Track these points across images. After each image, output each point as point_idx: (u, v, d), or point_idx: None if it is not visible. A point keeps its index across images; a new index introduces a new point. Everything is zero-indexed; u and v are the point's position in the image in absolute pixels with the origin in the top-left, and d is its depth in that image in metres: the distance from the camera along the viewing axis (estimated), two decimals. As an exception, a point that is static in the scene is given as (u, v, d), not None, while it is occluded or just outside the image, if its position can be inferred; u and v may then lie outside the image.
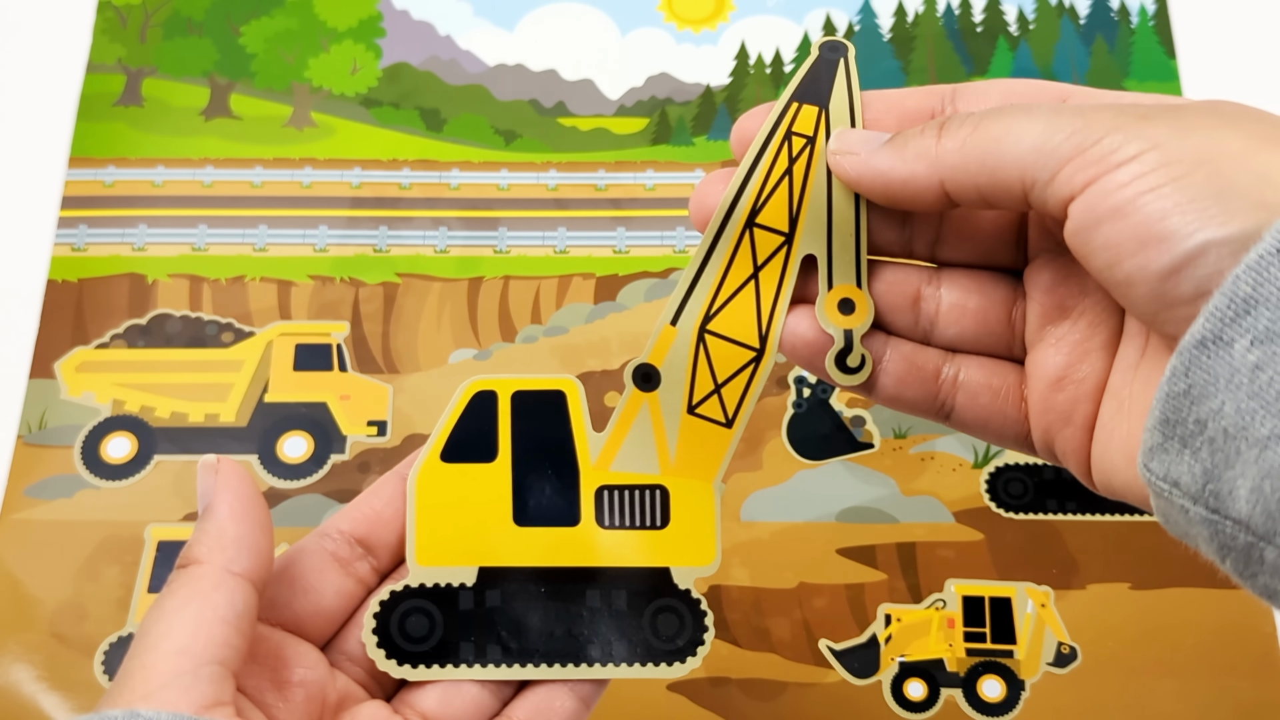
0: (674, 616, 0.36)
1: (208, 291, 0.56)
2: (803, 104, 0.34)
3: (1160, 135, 0.27)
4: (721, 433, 0.36)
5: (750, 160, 0.34)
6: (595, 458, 0.37)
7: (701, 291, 0.35)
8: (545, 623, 0.36)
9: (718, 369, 0.36)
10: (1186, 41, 0.62)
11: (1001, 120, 0.29)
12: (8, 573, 0.50)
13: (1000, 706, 0.49)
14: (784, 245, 0.34)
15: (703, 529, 0.36)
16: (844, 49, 0.35)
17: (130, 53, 0.61)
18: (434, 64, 0.61)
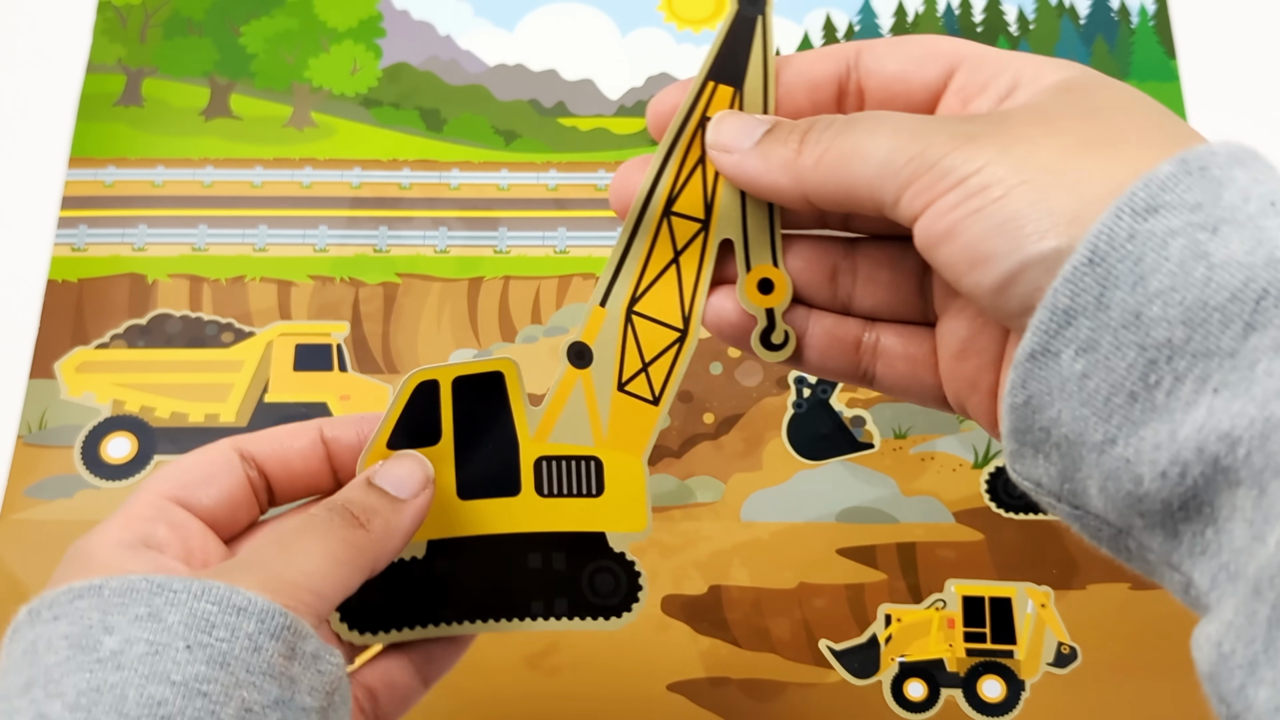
0: (610, 576, 0.39)
1: (208, 291, 0.56)
2: (718, 84, 0.35)
3: (986, 156, 0.28)
4: (649, 410, 0.38)
5: (665, 147, 0.35)
6: (534, 431, 0.38)
7: (627, 275, 0.37)
8: (491, 584, 0.38)
9: (645, 348, 0.38)
10: (1186, 41, 0.62)
11: (851, 138, 0.31)
12: (8, 573, 0.50)
13: (1000, 707, 0.49)
14: (700, 232, 0.36)
15: (634, 498, 0.39)
16: (764, 4, 0.34)
17: (130, 53, 0.61)
18: (434, 64, 0.61)
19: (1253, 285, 0.26)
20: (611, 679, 0.49)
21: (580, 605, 0.39)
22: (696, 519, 0.52)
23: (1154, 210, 0.27)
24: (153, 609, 0.30)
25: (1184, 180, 0.27)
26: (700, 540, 0.51)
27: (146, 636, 0.29)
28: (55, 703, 0.29)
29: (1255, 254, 0.26)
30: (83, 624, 0.30)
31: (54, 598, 0.31)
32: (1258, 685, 0.25)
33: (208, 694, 0.29)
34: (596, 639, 0.49)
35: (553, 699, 0.48)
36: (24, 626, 0.31)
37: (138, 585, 0.30)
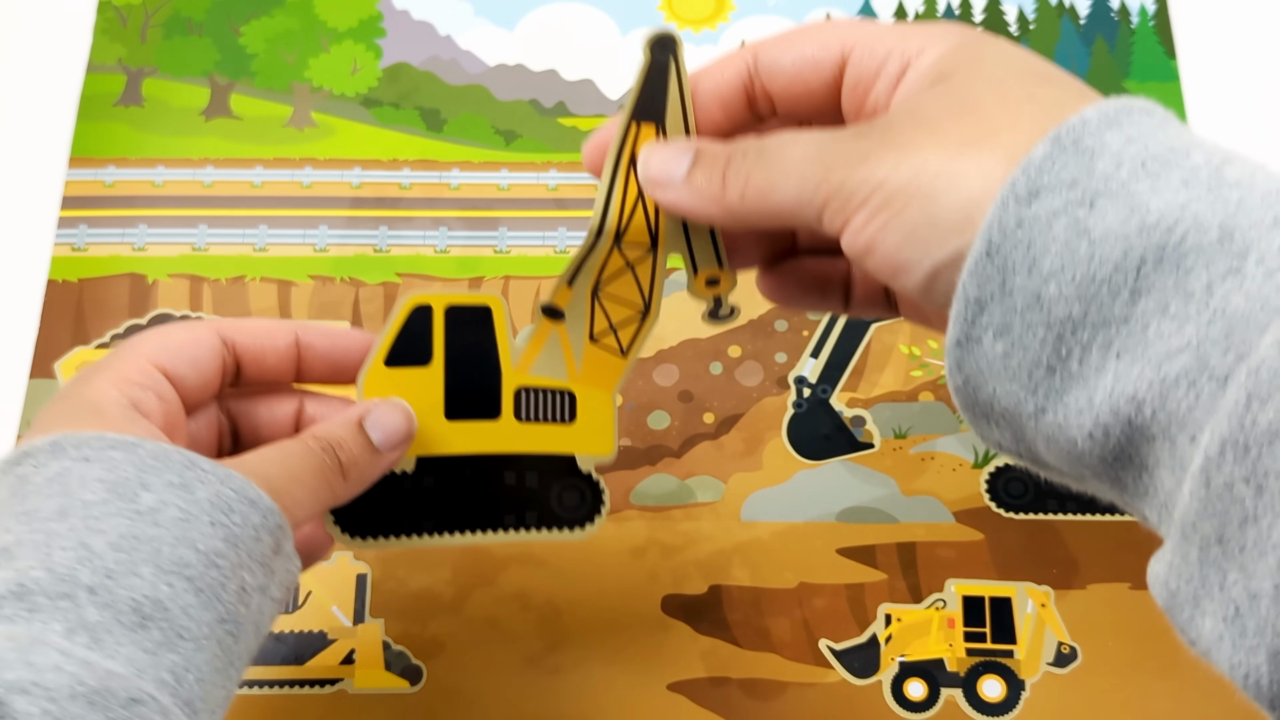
0: (576, 493, 0.43)
1: (208, 291, 0.56)
2: (641, 122, 0.38)
3: (882, 171, 0.31)
4: (618, 360, 0.42)
5: (605, 188, 0.38)
6: (515, 363, 0.42)
7: (587, 272, 0.40)
8: (470, 498, 0.42)
9: (612, 316, 0.41)
10: (1186, 41, 0.62)
11: (764, 171, 0.34)
12: (8, 573, 0.50)
13: (1000, 706, 0.49)
14: (650, 253, 0.39)
15: (603, 426, 0.43)
16: (673, 45, 0.37)
17: (130, 53, 0.61)
18: (434, 64, 0.61)
19: (1131, 255, 0.28)
20: (612, 678, 0.49)
21: (548, 518, 0.43)
22: (697, 519, 0.52)
23: (1035, 194, 0.29)
24: (184, 480, 0.34)
25: (1059, 158, 0.29)
26: (700, 540, 0.51)
27: (179, 503, 0.34)
28: (98, 538, 0.32)
29: (1129, 223, 0.28)
30: (119, 473, 0.33)
31: (83, 439, 0.34)
32: (1203, 617, 0.27)
33: (220, 567, 0.34)
34: (596, 639, 0.49)
35: (553, 698, 0.49)
36: (44, 455, 0.34)
37: (172, 455, 0.34)
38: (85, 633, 0.31)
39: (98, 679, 0.30)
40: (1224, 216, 0.28)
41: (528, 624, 0.50)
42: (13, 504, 0.34)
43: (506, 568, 0.50)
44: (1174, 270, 0.28)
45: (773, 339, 0.55)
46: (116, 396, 0.36)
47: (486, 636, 0.49)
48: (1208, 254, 0.28)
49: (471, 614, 0.50)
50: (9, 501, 0.34)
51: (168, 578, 0.33)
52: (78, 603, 0.32)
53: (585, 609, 0.50)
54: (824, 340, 0.55)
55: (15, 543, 0.33)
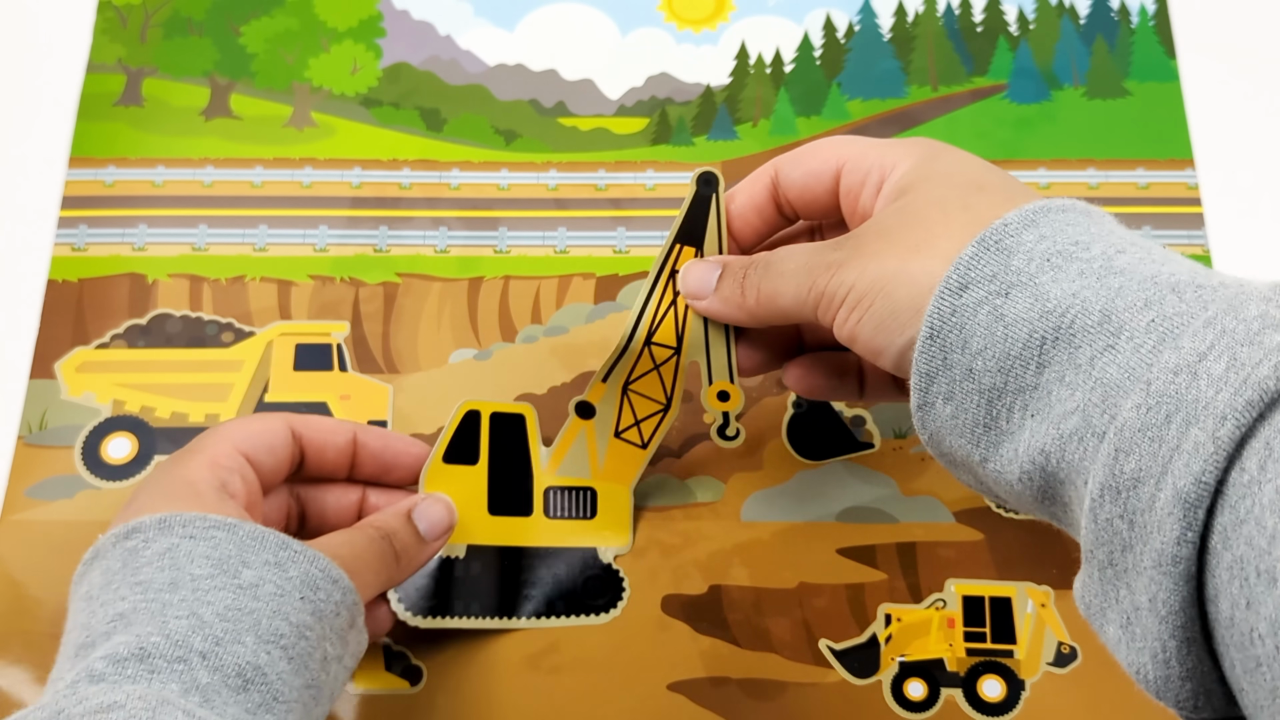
0: (599, 581, 0.50)
1: (208, 291, 0.56)
2: (683, 246, 0.45)
3: (852, 277, 0.39)
4: (638, 452, 0.50)
5: (644, 295, 0.46)
6: (545, 465, 0.50)
7: (622, 367, 0.47)
8: (509, 586, 0.49)
9: (638, 411, 0.49)
10: (1186, 41, 0.62)
11: (770, 282, 0.42)
12: (8, 573, 0.50)
13: (1000, 706, 0.49)
14: (674, 355, 0.47)
15: (621, 519, 0.50)
16: (716, 183, 0.45)
17: (130, 53, 0.61)
18: (434, 64, 0.61)
19: (1035, 335, 0.34)
20: (612, 679, 0.49)
21: (576, 605, 0.49)
22: (697, 519, 0.52)
23: (965, 287, 0.36)
24: (279, 559, 0.39)
25: (983, 256, 0.36)
26: (700, 540, 0.51)
27: (274, 580, 0.38)
28: (207, 609, 0.37)
29: (1034, 309, 0.35)
30: (222, 551, 0.38)
31: (189, 519, 0.39)
32: (1107, 624, 0.34)
33: (308, 638, 0.39)
34: (597, 638, 0.49)
35: (553, 699, 0.49)
36: (152, 531, 0.38)
37: (268, 536, 0.39)
38: (198, 693, 0.35)
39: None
40: (1105, 301, 0.34)
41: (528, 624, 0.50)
42: (126, 574, 0.38)
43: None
44: (1067, 346, 0.34)
45: (773, 339, 0.55)
46: (209, 478, 0.41)
47: (486, 636, 0.49)
48: (1091, 333, 0.34)
49: (471, 614, 0.50)
50: (122, 572, 0.38)
51: (266, 646, 0.37)
52: (191, 666, 0.36)
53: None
54: (824, 340, 0.55)
55: (131, 609, 0.37)
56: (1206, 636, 0.31)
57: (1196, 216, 0.58)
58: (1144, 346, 0.33)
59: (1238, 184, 0.59)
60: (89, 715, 0.33)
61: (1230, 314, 0.32)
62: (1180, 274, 0.34)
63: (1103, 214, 0.38)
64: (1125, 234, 0.36)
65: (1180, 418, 0.31)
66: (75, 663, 0.37)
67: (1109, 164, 0.59)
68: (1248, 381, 0.30)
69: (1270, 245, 0.58)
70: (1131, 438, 0.32)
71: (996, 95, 0.60)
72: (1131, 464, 0.31)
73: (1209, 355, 0.31)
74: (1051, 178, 0.58)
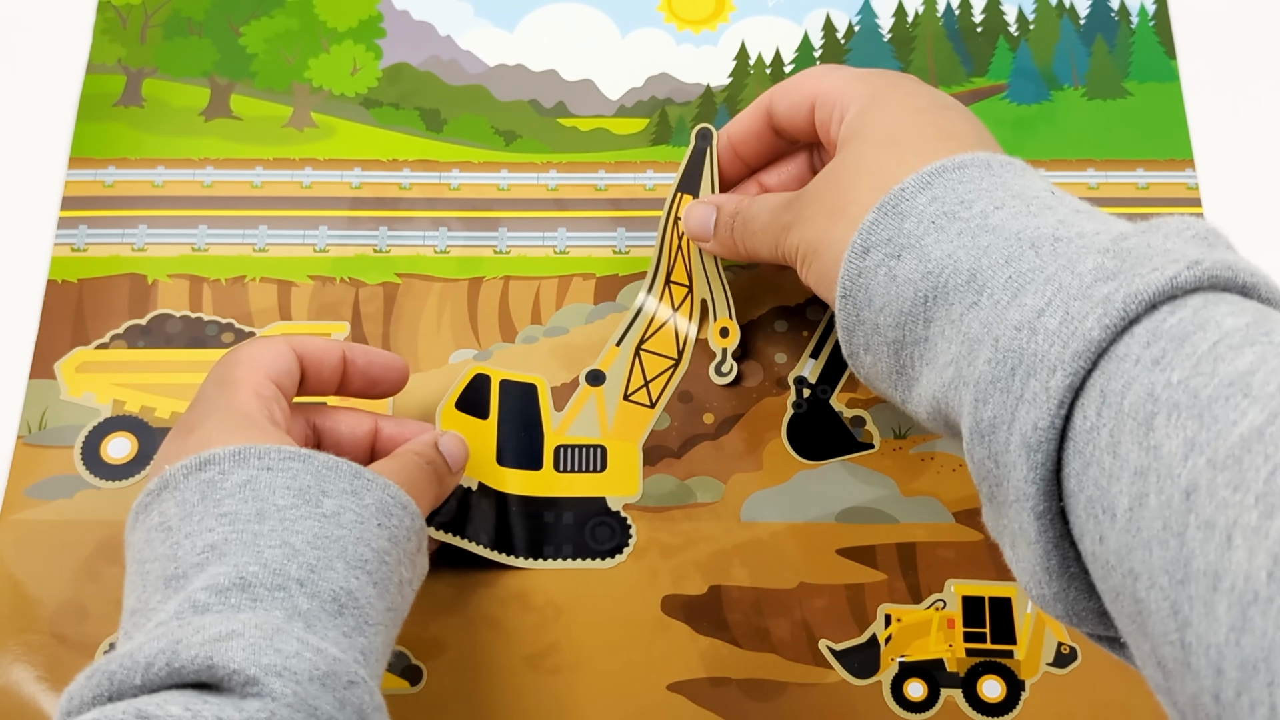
0: (607, 528, 0.51)
1: (208, 292, 0.56)
2: (683, 194, 0.52)
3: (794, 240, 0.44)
4: (647, 412, 0.53)
5: (659, 241, 0.53)
6: (555, 427, 0.52)
7: (639, 324, 0.54)
8: (517, 530, 0.51)
9: (648, 371, 0.53)
10: (1186, 41, 0.62)
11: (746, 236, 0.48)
12: (8, 573, 0.50)
13: (1000, 706, 0.49)
14: (688, 294, 0.54)
15: (630, 472, 0.52)
16: (710, 136, 0.51)
17: (130, 53, 0.61)
18: (434, 64, 0.61)
19: (919, 293, 0.38)
20: (611, 679, 0.49)
21: (581, 549, 0.51)
22: (697, 519, 0.52)
23: (867, 250, 0.40)
24: (354, 488, 0.40)
25: (882, 222, 0.40)
26: (700, 540, 0.51)
27: (353, 507, 0.40)
28: (297, 538, 0.38)
29: (918, 269, 0.38)
30: (301, 481, 0.39)
31: (264, 451, 0.40)
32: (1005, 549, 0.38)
33: (387, 563, 0.40)
34: (596, 639, 0.49)
35: (553, 699, 0.49)
36: (228, 463, 0.39)
37: (340, 465, 0.40)
38: (300, 619, 0.37)
39: (326, 663, 0.35)
40: (973, 260, 0.37)
41: (528, 624, 0.50)
42: (208, 505, 0.39)
43: (507, 568, 0.50)
44: (944, 304, 0.38)
45: (772, 339, 0.55)
46: (259, 408, 0.42)
47: (486, 636, 0.49)
48: (961, 291, 0.37)
49: (471, 614, 0.50)
50: (202, 503, 0.39)
51: (354, 572, 0.38)
52: (290, 593, 0.37)
53: (585, 609, 0.50)
54: (824, 340, 0.55)
55: (222, 540, 0.38)
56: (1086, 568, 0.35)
57: (1196, 217, 0.58)
58: (1001, 303, 0.36)
59: (1238, 184, 0.58)
60: (209, 644, 0.34)
61: (1068, 269, 0.34)
62: (1045, 228, 0.37)
63: (1007, 164, 0.40)
64: (1017, 185, 0.39)
65: (1023, 370, 0.34)
66: (168, 593, 0.37)
67: (1109, 164, 0.59)
68: (1075, 334, 0.33)
69: (1270, 245, 0.57)
70: (986, 389, 0.35)
71: (996, 95, 0.60)
72: (989, 412, 0.35)
73: (1046, 310, 0.34)
74: (1051, 178, 0.58)
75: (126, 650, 0.34)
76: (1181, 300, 0.33)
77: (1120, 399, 0.32)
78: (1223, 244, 0.36)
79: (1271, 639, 0.26)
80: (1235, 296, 0.33)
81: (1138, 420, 0.31)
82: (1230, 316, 0.32)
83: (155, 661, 0.34)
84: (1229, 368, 0.30)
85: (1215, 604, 0.28)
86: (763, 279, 0.55)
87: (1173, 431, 0.30)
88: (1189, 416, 0.30)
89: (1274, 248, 0.57)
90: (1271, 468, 0.28)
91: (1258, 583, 0.27)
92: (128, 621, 0.38)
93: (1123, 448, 0.31)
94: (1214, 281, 0.33)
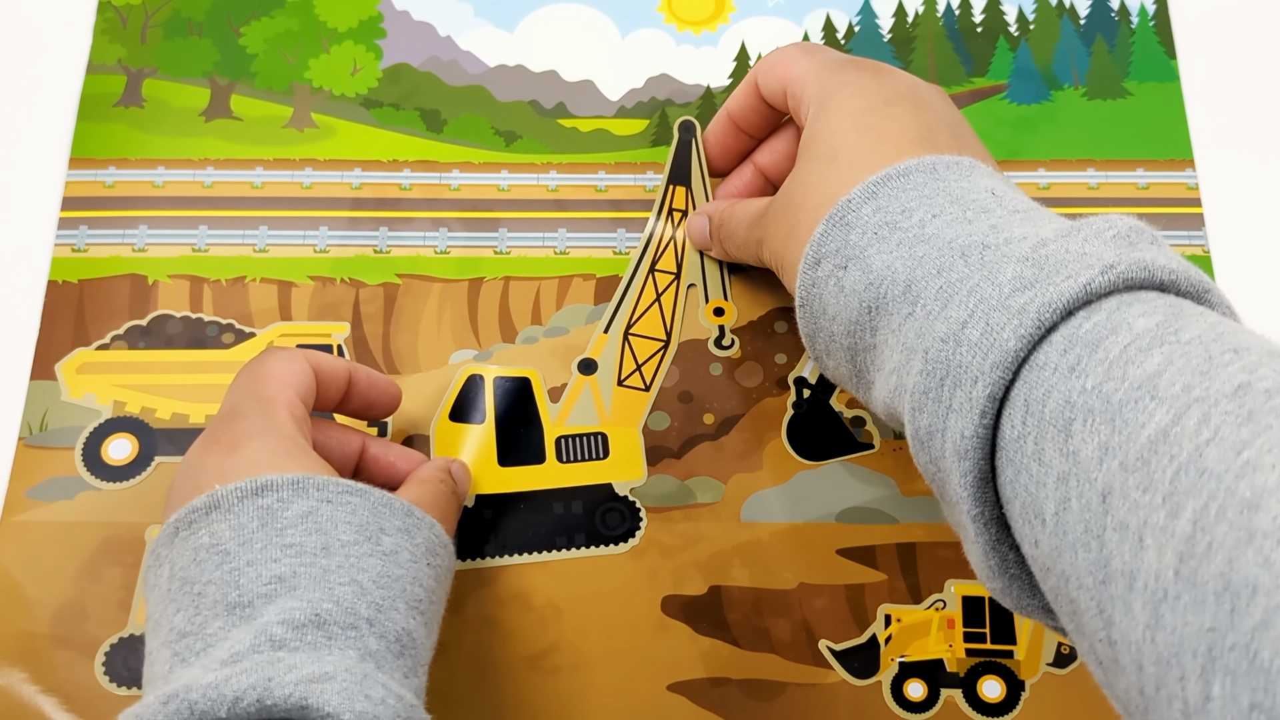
0: (617, 514, 0.51)
1: (208, 292, 0.56)
2: (675, 186, 0.55)
3: (766, 254, 0.46)
4: (642, 395, 0.53)
5: (646, 234, 0.55)
6: (554, 418, 0.52)
7: (624, 309, 0.54)
8: (525, 526, 0.51)
9: (638, 355, 0.53)
10: (1186, 41, 0.62)
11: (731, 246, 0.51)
12: (8, 575, 0.50)
13: (1000, 707, 0.49)
14: (674, 280, 0.55)
15: (633, 456, 0.52)
16: (694, 129, 0.55)
17: (131, 53, 0.61)
18: (434, 65, 0.61)
19: (864, 303, 0.39)
20: (611, 679, 0.49)
21: (594, 537, 0.51)
22: (697, 519, 0.52)
23: (817, 262, 0.41)
24: (407, 526, 0.40)
25: (830, 234, 0.41)
26: (700, 541, 0.51)
27: (408, 546, 0.40)
28: (363, 575, 0.38)
29: (862, 280, 0.40)
30: (360, 518, 0.39)
31: (323, 483, 0.39)
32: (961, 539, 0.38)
33: (434, 602, 0.41)
34: (596, 639, 0.49)
35: (553, 699, 0.49)
36: (287, 491, 0.39)
37: (394, 503, 0.41)
38: (371, 659, 0.37)
39: (405, 710, 0.35)
40: (909, 270, 0.38)
41: (528, 625, 0.50)
42: (270, 534, 0.38)
43: (506, 569, 0.50)
44: (885, 314, 0.39)
45: (773, 340, 0.55)
46: (299, 432, 0.42)
47: (486, 637, 0.50)
48: (898, 302, 0.38)
49: (471, 614, 0.50)
50: (262, 531, 0.38)
51: (412, 612, 0.39)
52: (361, 633, 0.37)
53: (585, 610, 0.50)
54: (824, 341, 0.55)
55: (290, 573, 0.37)
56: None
57: (1196, 217, 0.58)
58: (932, 313, 0.37)
59: (1237, 184, 0.59)
60: (303, 684, 0.34)
61: (989, 280, 0.35)
62: (977, 235, 0.37)
63: (952, 165, 0.41)
64: (958, 189, 0.40)
65: (950, 380, 0.35)
66: (233, 620, 0.36)
67: (1109, 164, 0.59)
68: (994, 345, 0.34)
69: (1270, 245, 0.58)
70: (920, 399, 0.36)
71: (996, 96, 0.60)
72: (924, 420, 0.36)
73: (969, 322, 0.35)
74: (1051, 178, 0.59)
75: (209, 681, 0.34)
76: (1096, 305, 0.34)
77: (1042, 407, 0.33)
78: (1146, 239, 0.36)
79: (1180, 635, 0.27)
80: (1152, 294, 0.34)
81: (1057, 427, 0.32)
82: (1142, 318, 0.33)
83: (245, 696, 0.34)
84: (1138, 370, 0.31)
85: (1132, 603, 0.29)
86: (763, 279, 0.55)
87: (1088, 437, 0.31)
88: (1102, 421, 0.31)
89: (1274, 247, 0.57)
90: (1176, 468, 0.29)
91: (1166, 580, 0.28)
92: (178, 643, 0.37)
93: (1046, 455, 0.32)
94: (1129, 283, 0.34)
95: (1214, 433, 0.29)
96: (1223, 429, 0.29)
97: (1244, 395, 0.29)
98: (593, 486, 0.51)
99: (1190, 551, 0.27)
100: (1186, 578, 0.27)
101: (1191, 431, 0.29)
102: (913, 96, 0.45)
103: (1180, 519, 0.28)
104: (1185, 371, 0.31)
